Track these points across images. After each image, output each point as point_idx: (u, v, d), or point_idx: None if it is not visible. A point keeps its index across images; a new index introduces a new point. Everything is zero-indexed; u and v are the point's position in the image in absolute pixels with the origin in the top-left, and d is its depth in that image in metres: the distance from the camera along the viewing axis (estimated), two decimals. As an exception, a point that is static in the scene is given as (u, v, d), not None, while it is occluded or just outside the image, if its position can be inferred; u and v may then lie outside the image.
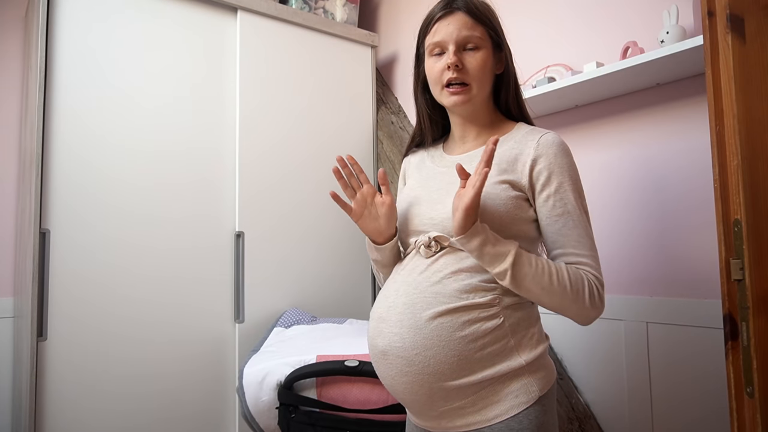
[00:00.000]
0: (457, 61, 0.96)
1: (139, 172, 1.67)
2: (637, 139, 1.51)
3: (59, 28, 1.57)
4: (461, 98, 0.98)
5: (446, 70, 0.97)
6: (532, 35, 1.80)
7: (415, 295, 0.91)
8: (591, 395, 1.59)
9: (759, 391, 0.77)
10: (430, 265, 0.93)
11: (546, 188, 0.93)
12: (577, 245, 0.92)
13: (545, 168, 0.93)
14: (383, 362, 0.93)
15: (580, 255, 0.92)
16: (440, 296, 0.89)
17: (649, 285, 1.47)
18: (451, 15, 0.98)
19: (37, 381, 1.46)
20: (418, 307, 0.89)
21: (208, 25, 1.85)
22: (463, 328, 0.88)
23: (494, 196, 0.93)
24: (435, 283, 0.91)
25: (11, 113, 1.90)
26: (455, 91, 0.98)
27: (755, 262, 0.79)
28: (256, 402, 1.38)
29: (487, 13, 1.00)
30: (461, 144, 1.07)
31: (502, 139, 1.01)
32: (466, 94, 0.98)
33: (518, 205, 0.94)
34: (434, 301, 0.89)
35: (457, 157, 1.05)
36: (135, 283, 1.63)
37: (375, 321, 0.96)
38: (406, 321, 0.90)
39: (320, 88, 2.09)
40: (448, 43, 0.97)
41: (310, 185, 2.03)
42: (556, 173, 0.93)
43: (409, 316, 0.90)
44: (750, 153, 0.80)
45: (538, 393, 0.91)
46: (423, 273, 0.93)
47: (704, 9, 0.85)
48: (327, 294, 2.04)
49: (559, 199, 0.93)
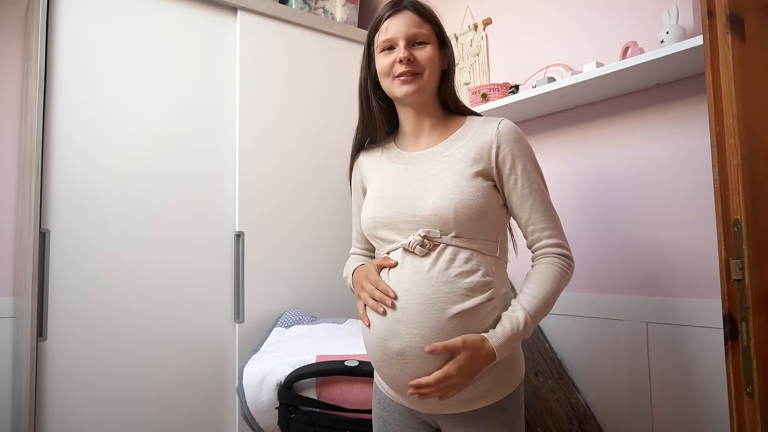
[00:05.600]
0: (408, 55, 1.01)
1: (140, 173, 1.67)
2: (637, 139, 1.51)
3: (59, 27, 1.57)
4: (413, 87, 1.02)
5: (397, 64, 1.02)
6: (531, 35, 1.80)
7: (429, 296, 0.94)
8: (591, 395, 1.59)
9: (759, 391, 0.77)
10: (433, 264, 0.96)
11: (513, 172, 1.00)
12: (545, 219, 1.02)
13: (509, 153, 1.00)
14: (399, 362, 0.95)
15: (549, 228, 1.02)
16: (453, 295, 0.94)
17: (649, 285, 1.47)
18: (400, 13, 1.04)
19: (37, 381, 1.46)
20: (437, 308, 0.93)
21: (207, 25, 1.85)
22: (474, 324, 0.94)
23: (472, 190, 0.97)
24: (445, 283, 0.94)
25: (11, 113, 1.90)
26: (407, 80, 1.02)
27: (755, 262, 0.79)
28: (256, 402, 1.38)
29: (431, 12, 1.07)
30: (414, 139, 1.10)
31: (460, 132, 1.06)
32: (417, 83, 1.02)
33: (492, 194, 1.00)
34: (449, 301, 0.93)
35: (418, 154, 1.07)
36: (135, 283, 1.63)
37: (386, 323, 0.97)
38: (426, 321, 0.93)
39: (320, 88, 2.09)
40: (398, 39, 1.02)
41: (310, 185, 2.03)
42: (519, 157, 1.01)
43: (429, 317, 0.93)
44: (750, 153, 0.80)
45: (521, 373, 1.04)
46: (429, 272, 0.95)
47: (704, 9, 0.85)
48: (327, 294, 2.04)
49: (526, 179, 1.01)
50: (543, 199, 1.02)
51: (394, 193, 1.04)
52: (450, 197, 0.96)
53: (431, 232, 0.97)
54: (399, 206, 1.01)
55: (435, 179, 1.00)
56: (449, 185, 0.98)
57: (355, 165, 1.20)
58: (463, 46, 2.04)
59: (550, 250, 1.01)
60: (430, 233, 0.97)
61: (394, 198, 1.03)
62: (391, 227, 1.02)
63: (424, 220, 0.98)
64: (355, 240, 1.26)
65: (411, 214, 0.99)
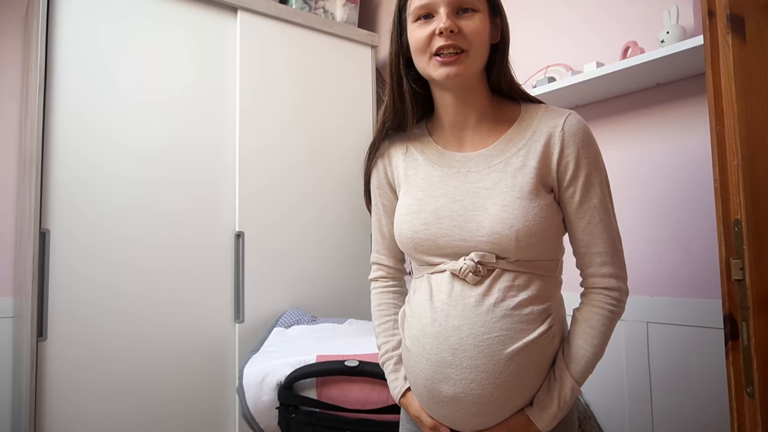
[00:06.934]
0: (452, 26, 0.80)
1: (139, 173, 1.67)
2: (637, 139, 1.51)
3: (59, 27, 1.57)
4: (456, 69, 0.82)
5: (437, 37, 0.82)
6: (532, 35, 1.80)
7: (485, 335, 0.81)
8: (591, 395, 1.59)
9: (759, 391, 0.77)
10: (485, 293, 0.83)
11: (573, 182, 0.84)
12: (602, 242, 0.86)
13: (572, 159, 0.84)
14: (452, 407, 0.84)
15: (603, 253, 0.86)
16: (511, 332, 0.81)
17: (649, 285, 1.47)
18: None
19: (37, 381, 1.46)
20: (494, 349, 0.80)
21: (208, 25, 1.85)
22: (536, 360, 0.84)
23: (536, 212, 0.82)
24: (502, 318, 0.81)
25: (11, 113, 1.90)
26: (447, 60, 0.82)
27: (755, 262, 0.78)
28: (256, 402, 1.38)
29: None
30: (457, 132, 0.92)
31: (516, 129, 0.88)
32: (462, 64, 0.82)
33: (555, 211, 0.86)
34: (507, 339, 0.81)
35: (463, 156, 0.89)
36: (135, 284, 1.63)
37: (435, 365, 0.84)
38: (482, 366, 0.81)
39: (320, 88, 2.09)
40: (438, 4, 0.82)
41: (310, 185, 2.03)
42: (584, 165, 0.84)
43: (485, 360, 0.81)
44: (750, 153, 0.80)
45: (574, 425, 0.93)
46: (483, 305, 0.82)
47: (704, 9, 0.85)
48: (327, 294, 2.04)
49: (586, 193, 0.85)
50: (603, 217, 0.85)
51: (437, 208, 0.87)
52: (510, 222, 0.81)
53: (486, 256, 0.82)
54: (444, 227, 0.86)
55: (489, 195, 0.84)
56: (508, 206, 0.82)
57: (378, 157, 1.01)
58: (464, 46, 2.03)
59: (601, 285, 0.87)
60: (485, 258, 0.82)
61: (438, 215, 0.87)
62: (434, 251, 0.87)
63: (476, 246, 0.83)
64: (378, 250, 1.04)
65: (460, 238, 0.84)
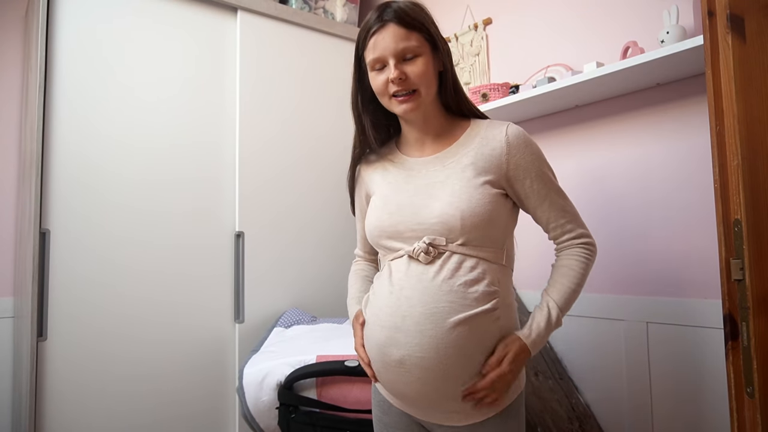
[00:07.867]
0: (399, 74, 0.97)
1: (140, 173, 1.67)
2: (637, 139, 1.51)
3: (59, 27, 1.57)
4: (411, 105, 0.99)
5: (390, 84, 0.99)
6: (532, 35, 1.80)
7: (432, 305, 0.92)
8: (591, 395, 1.59)
9: (759, 391, 0.77)
10: (437, 272, 0.94)
11: (527, 176, 1.00)
12: (564, 213, 1.03)
13: (521, 160, 0.99)
14: (398, 371, 0.94)
15: (569, 221, 1.04)
16: (456, 305, 0.92)
17: (649, 285, 1.47)
18: (385, 28, 0.98)
19: (37, 381, 1.46)
20: (438, 317, 0.91)
21: (208, 24, 1.85)
22: (477, 334, 0.92)
23: (480, 197, 0.96)
24: (449, 292, 0.92)
25: (11, 113, 1.90)
26: (404, 99, 0.99)
27: (755, 262, 0.79)
28: (256, 402, 1.38)
29: (418, 17, 0.99)
30: (419, 146, 1.08)
31: (466, 137, 1.04)
32: (415, 101, 0.99)
33: (500, 202, 0.99)
34: (452, 310, 0.91)
35: (423, 160, 1.05)
36: (135, 284, 1.63)
37: (387, 330, 0.95)
38: (427, 331, 0.91)
39: (320, 87, 2.09)
40: (387, 57, 0.98)
41: (310, 185, 2.03)
42: (531, 161, 1.00)
43: (430, 326, 0.91)
44: (750, 153, 0.80)
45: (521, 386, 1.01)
46: (433, 281, 0.94)
47: (704, 9, 0.85)
48: (327, 294, 2.04)
49: (540, 181, 1.01)
50: (558, 194, 1.03)
51: (399, 201, 1.02)
52: (456, 204, 0.95)
53: (436, 239, 0.95)
54: (404, 215, 0.99)
55: (441, 186, 0.99)
56: (456, 192, 0.96)
57: (357, 175, 1.18)
58: (463, 46, 2.03)
59: (573, 242, 1.03)
60: (435, 241, 0.95)
61: (399, 206, 1.01)
62: (396, 236, 1.00)
63: (430, 228, 0.96)
64: (359, 244, 1.26)
65: (416, 222, 0.97)
